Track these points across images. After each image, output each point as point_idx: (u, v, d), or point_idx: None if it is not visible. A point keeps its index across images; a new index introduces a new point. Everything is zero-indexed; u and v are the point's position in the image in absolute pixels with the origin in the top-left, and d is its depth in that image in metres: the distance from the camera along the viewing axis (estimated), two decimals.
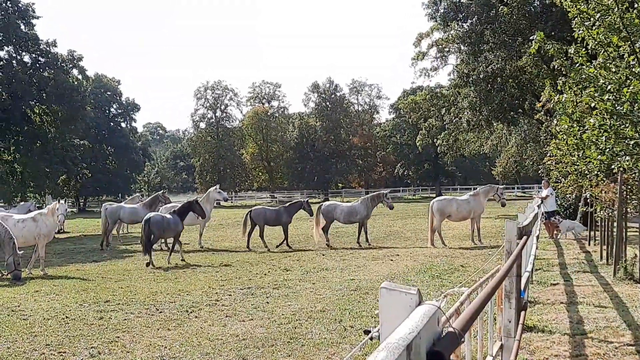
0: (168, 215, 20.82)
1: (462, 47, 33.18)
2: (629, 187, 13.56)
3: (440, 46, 42.55)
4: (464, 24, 32.75)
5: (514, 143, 55.83)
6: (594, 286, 12.58)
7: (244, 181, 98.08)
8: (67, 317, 11.02)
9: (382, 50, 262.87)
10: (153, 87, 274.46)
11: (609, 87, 8.50)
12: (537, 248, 18.51)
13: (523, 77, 30.45)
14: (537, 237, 18.67)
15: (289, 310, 11.13)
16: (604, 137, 8.83)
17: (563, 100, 9.57)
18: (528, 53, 27.33)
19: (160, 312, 11.32)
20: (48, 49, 43.95)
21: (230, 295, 13.04)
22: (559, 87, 9.91)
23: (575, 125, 9.83)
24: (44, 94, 42.75)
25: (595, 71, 8.68)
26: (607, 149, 9.05)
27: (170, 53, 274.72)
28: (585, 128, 9.34)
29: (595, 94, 8.67)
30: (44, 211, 18.61)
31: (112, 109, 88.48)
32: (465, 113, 35.87)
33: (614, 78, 8.42)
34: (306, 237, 27.07)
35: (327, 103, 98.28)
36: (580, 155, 10.38)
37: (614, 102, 8.47)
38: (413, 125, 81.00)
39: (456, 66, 36.73)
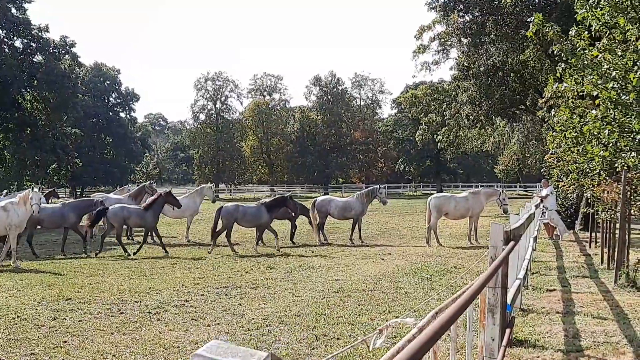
0: (247, 205, 21.37)
1: (463, 39, 32.08)
2: (634, 187, 12.64)
3: (442, 39, 41.54)
4: (465, 15, 31.65)
5: (517, 140, 54.80)
6: (593, 293, 11.66)
7: (243, 174, 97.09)
8: (18, 316, 10.13)
9: (386, 45, 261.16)
10: (156, 78, 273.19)
11: (613, 73, 7.57)
12: (534, 250, 17.68)
13: (525, 72, 29.43)
14: (535, 238, 17.82)
15: (261, 314, 10.24)
16: (606, 131, 7.88)
17: (562, 89, 8.63)
18: (529, 40, 26.33)
19: (121, 313, 10.44)
20: (40, 34, 42.96)
21: (202, 295, 12.16)
22: (557, 74, 8.97)
23: (575, 117, 8.88)
24: (34, 80, 41.81)
25: (599, 55, 7.74)
26: (611, 144, 8.09)
27: (175, 44, 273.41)
28: (586, 120, 8.40)
29: (598, 82, 7.74)
30: (15, 200, 17.63)
31: (111, 98, 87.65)
32: (465, 108, 34.82)
33: (619, 63, 7.48)
34: (306, 232, 26.05)
35: (329, 97, 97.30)
36: (581, 151, 9.41)
37: (618, 90, 7.55)
38: (415, 121, 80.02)
39: (456, 59, 35.72)
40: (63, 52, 44.81)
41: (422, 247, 21.31)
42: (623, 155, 8.17)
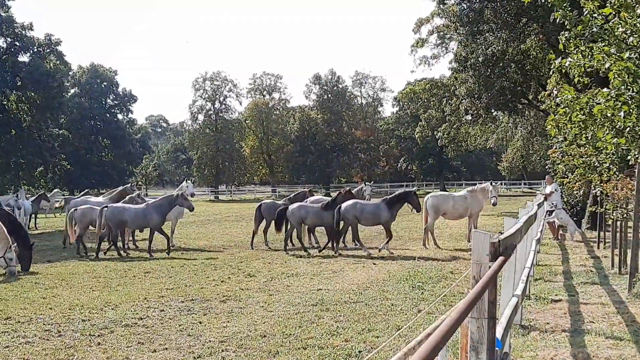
0: (366, 202, 20.62)
1: (460, 28, 30.52)
2: None
3: (440, 32, 40.22)
4: (462, 2, 30.07)
5: (520, 137, 53.33)
6: (604, 305, 10.21)
7: (243, 175, 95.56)
8: None
9: (387, 43, 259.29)
10: (157, 80, 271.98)
11: (630, 39, 6.18)
12: (537, 252, 16.24)
13: (527, 62, 27.92)
14: (539, 240, 16.36)
15: (219, 336, 8.86)
16: (622, 112, 6.44)
17: (567, 65, 7.20)
18: (530, 29, 24.93)
19: (60, 336, 9.06)
20: (23, 32, 41.63)
21: (162, 310, 10.78)
22: (560, 46, 7.54)
23: (582, 96, 7.42)
24: (18, 80, 40.45)
25: (612, 13, 6.33)
26: (628, 128, 6.65)
27: (175, 45, 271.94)
28: (597, 100, 6.95)
29: (611, 50, 6.35)
30: None
31: (108, 100, 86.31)
32: (464, 101, 33.32)
33: (638, 25, 6.07)
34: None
35: (329, 95, 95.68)
36: (589, 138, 7.93)
37: (636, 61, 6.15)
38: (415, 118, 78.58)
39: (455, 51, 34.24)
40: (48, 50, 43.47)
41: (418, 249, 19.88)
42: None
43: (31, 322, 9.97)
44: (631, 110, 6.49)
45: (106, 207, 20.31)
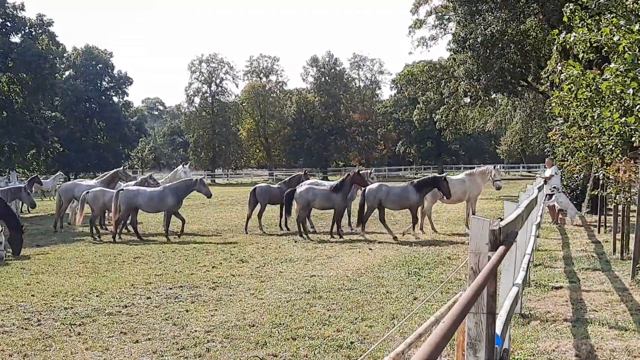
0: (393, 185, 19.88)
1: (458, 8, 29.90)
2: None
3: (439, 13, 39.61)
4: None
5: (519, 119, 52.77)
6: (607, 292, 9.83)
7: (240, 158, 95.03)
8: None
9: (385, 24, 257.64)
10: (153, 65, 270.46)
11: None
12: (537, 237, 15.86)
13: (526, 42, 27.33)
14: (539, 224, 15.98)
15: (206, 326, 8.47)
16: (631, 90, 5.98)
17: (571, 39, 6.74)
18: (530, 9, 24.36)
19: (39, 325, 8.67)
20: (15, 12, 40.91)
21: (148, 298, 10.39)
22: (564, 19, 7.07)
23: (589, 72, 6.96)
24: (10, 61, 39.78)
25: None
26: (638, 106, 6.19)
27: (173, 27, 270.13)
28: (604, 76, 6.49)
29: (620, 22, 5.90)
30: None
31: (103, 82, 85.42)
32: (462, 82, 32.75)
33: None
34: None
35: (327, 78, 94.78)
36: (595, 118, 7.46)
37: None
38: (414, 101, 78.04)
39: (453, 32, 33.61)
40: (40, 31, 42.75)
41: (415, 234, 19.44)
42: None
43: (11, 310, 9.58)
44: None
45: (122, 190, 19.97)
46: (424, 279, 11.68)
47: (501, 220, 6.18)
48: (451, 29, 37.74)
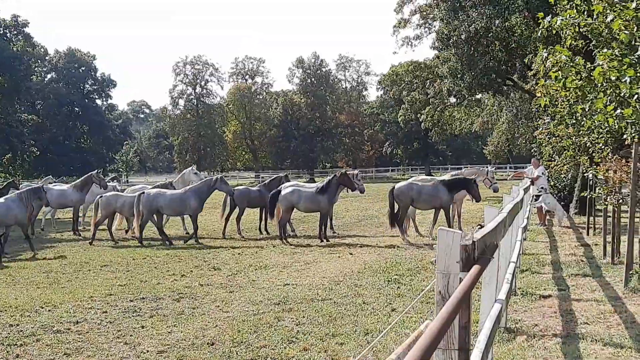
0: (423, 184, 18.54)
1: (442, 4, 29.16)
2: None
3: (423, 12, 38.97)
4: None
5: (505, 120, 52.30)
6: (599, 302, 9.11)
7: (225, 160, 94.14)
8: None
9: (371, 26, 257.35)
10: (140, 65, 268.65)
11: None
12: (524, 239, 15.18)
13: (511, 40, 26.64)
14: (525, 227, 15.32)
15: (160, 344, 7.69)
16: (627, 78, 5.23)
17: (558, 24, 6.00)
18: (515, 5, 23.69)
19: None
20: None
21: (104, 312, 9.58)
22: (551, 0, 6.34)
23: (581, 58, 6.20)
24: None
25: None
26: (635, 96, 5.43)
27: (158, 30, 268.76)
28: (597, 63, 5.73)
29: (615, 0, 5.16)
30: None
31: (86, 85, 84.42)
32: (446, 81, 32.03)
33: None
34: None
35: (313, 79, 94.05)
36: (587, 110, 6.69)
37: None
38: (400, 102, 77.48)
39: (437, 30, 32.95)
40: (15, 32, 41.73)
41: (399, 237, 18.66)
42: None
43: None
44: (638, 74, 5.31)
45: (143, 193, 19.30)
46: (404, 287, 10.95)
47: (481, 227, 5.42)
48: (436, 28, 37.09)
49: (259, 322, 8.61)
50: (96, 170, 23.51)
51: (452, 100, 43.10)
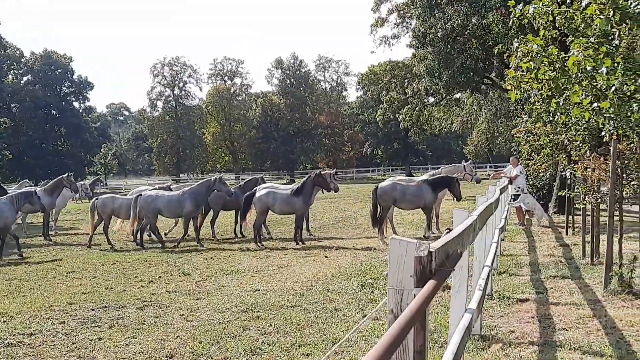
0: (407, 184, 18.41)
1: (418, 1, 28.86)
2: (626, 161, 9.81)
3: (401, 11, 38.71)
4: None
5: (484, 119, 52.27)
6: (578, 305, 8.76)
7: (205, 162, 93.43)
8: None
9: (350, 26, 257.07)
10: (119, 67, 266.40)
11: None
12: (502, 240, 14.90)
13: (488, 37, 26.41)
14: (503, 228, 15.02)
15: (115, 358, 7.25)
16: (604, 68, 4.87)
17: (530, 12, 5.63)
18: (491, 2, 23.48)
19: None
20: None
21: (62, 322, 9.10)
22: None
23: (554, 47, 5.82)
24: None
25: None
26: (613, 88, 5.07)
27: (137, 30, 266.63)
28: (572, 52, 5.36)
29: None
30: None
31: (63, 88, 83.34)
32: (423, 80, 31.76)
33: None
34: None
35: (292, 80, 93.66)
36: (561, 104, 6.34)
37: None
38: (379, 102, 77.40)
39: (413, 28, 32.74)
40: None
41: (376, 238, 18.29)
42: (633, 107, 5.14)
43: None
44: (615, 64, 4.96)
45: (140, 195, 18.92)
46: (378, 291, 10.57)
47: (450, 231, 5.06)
48: (412, 26, 36.88)
49: (223, 332, 8.18)
50: (67, 174, 22.89)
51: (431, 99, 42.88)
